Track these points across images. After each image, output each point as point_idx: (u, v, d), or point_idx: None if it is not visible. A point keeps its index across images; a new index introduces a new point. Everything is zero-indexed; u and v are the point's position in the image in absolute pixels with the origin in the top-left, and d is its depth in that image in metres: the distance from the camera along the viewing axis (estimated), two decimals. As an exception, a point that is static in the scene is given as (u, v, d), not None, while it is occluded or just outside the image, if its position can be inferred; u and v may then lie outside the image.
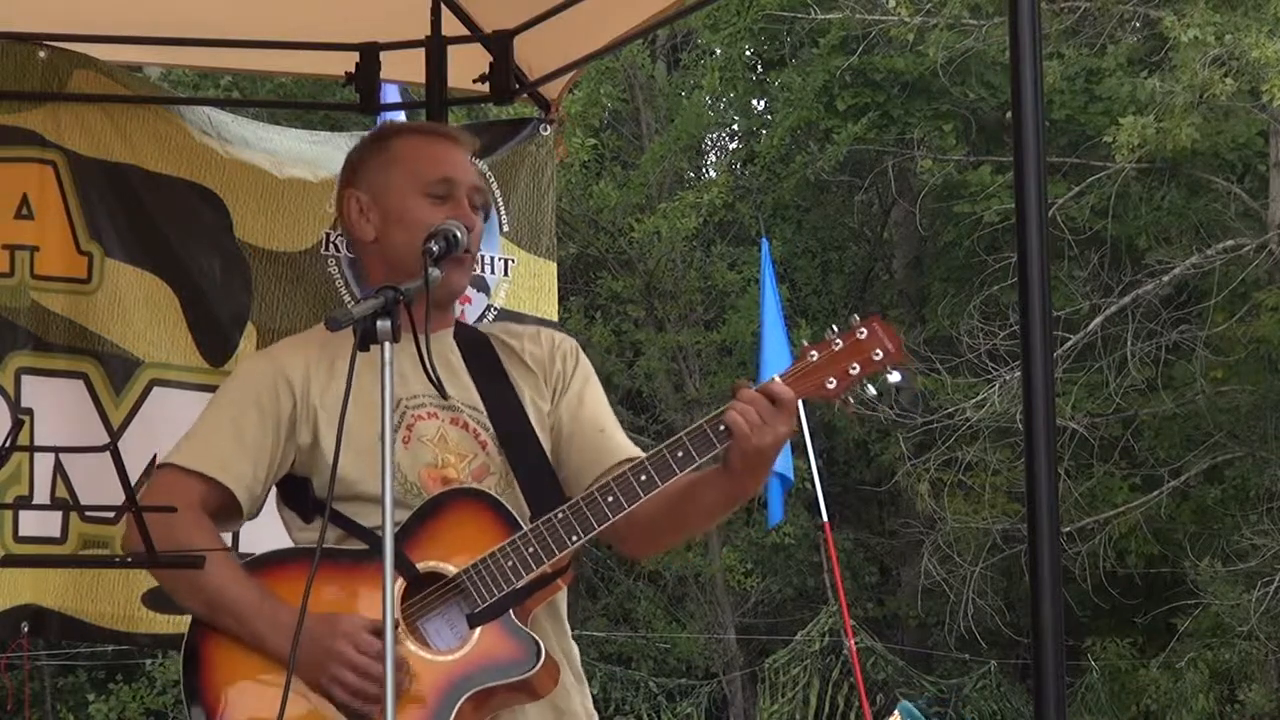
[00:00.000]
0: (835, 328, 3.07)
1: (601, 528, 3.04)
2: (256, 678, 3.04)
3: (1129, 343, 17.31)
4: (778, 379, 3.04)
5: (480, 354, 3.27)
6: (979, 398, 17.10)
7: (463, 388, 3.22)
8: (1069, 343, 17.13)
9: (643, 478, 3.03)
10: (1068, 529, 16.57)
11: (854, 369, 3.04)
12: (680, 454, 3.03)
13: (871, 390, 3.05)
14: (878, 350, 3.03)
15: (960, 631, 18.06)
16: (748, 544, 20.26)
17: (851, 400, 3.07)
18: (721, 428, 3.02)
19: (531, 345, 3.32)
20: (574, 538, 3.04)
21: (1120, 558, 18.18)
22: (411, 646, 3.01)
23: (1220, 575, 17.10)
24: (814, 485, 13.63)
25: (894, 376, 3.04)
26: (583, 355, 3.37)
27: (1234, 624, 16.91)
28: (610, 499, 3.03)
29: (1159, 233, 18.43)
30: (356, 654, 2.97)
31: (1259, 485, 17.78)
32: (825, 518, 13.60)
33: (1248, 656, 17.30)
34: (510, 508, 3.09)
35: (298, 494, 3.20)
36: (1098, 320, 17.37)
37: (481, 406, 3.21)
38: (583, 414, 3.26)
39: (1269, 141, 18.15)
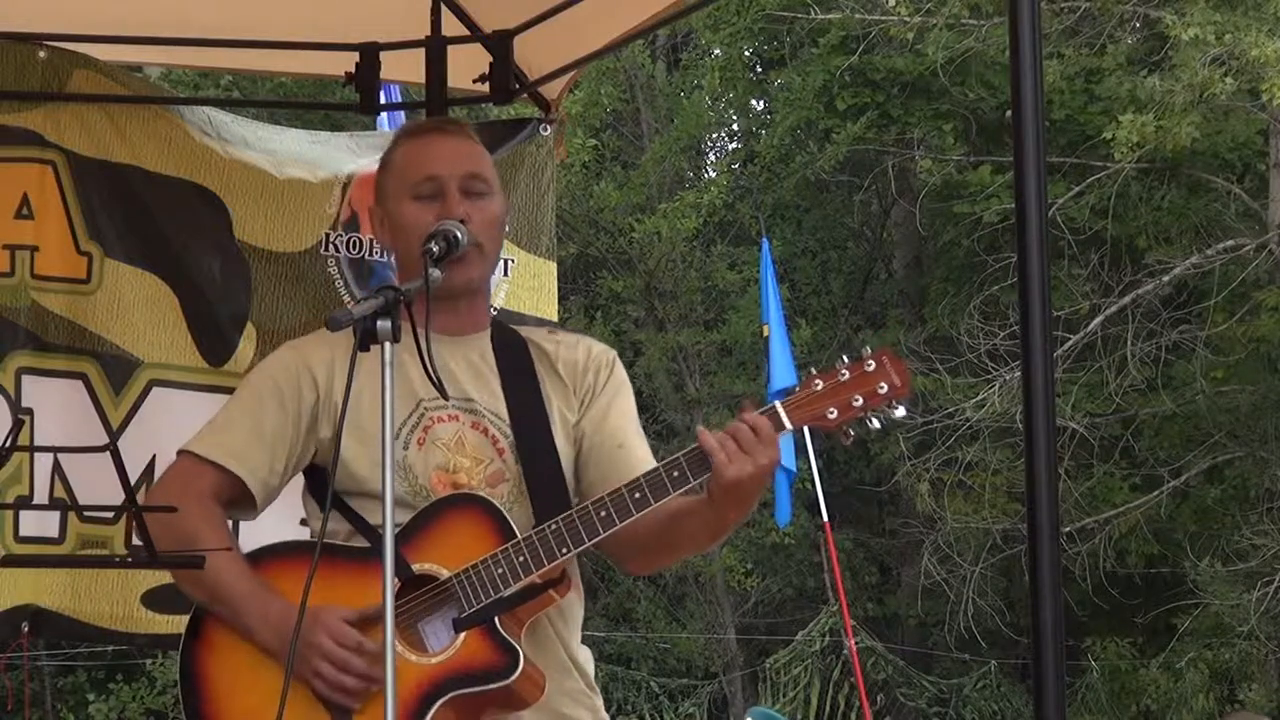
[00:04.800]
0: (845, 357, 3.04)
1: (592, 541, 3.05)
2: (247, 672, 3.07)
3: (1129, 343, 17.29)
4: (779, 406, 3.03)
5: (514, 359, 3.26)
6: (979, 398, 17.08)
7: (490, 393, 3.22)
8: (1069, 343, 17.12)
9: (636, 495, 3.04)
10: (1068, 529, 16.54)
11: (857, 401, 3.01)
12: (676, 474, 3.04)
13: (875, 424, 3.02)
14: (883, 384, 3.00)
15: (960, 631, 18.04)
16: (748, 544, 20.25)
17: (851, 432, 3.04)
18: None
19: (567, 353, 3.31)
20: (564, 549, 3.04)
21: (1120, 558, 18.16)
22: (395, 646, 3.00)
23: (1220, 575, 17.08)
24: (814, 485, 13.62)
25: (899, 411, 3.02)
26: (619, 368, 3.34)
27: (1234, 624, 16.90)
28: (604, 514, 3.04)
29: (1159, 233, 18.39)
30: (334, 646, 3.00)
31: (1259, 485, 17.77)
32: (825, 518, 13.59)
33: (1248, 656, 17.29)
34: (509, 517, 3.09)
35: (321, 485, 3.21)
36: (1098, 320, 17.35)
37: (505, 413, 3.21)
38: (605, 429, 3.26)
39: (1269, 141, 18.13)
